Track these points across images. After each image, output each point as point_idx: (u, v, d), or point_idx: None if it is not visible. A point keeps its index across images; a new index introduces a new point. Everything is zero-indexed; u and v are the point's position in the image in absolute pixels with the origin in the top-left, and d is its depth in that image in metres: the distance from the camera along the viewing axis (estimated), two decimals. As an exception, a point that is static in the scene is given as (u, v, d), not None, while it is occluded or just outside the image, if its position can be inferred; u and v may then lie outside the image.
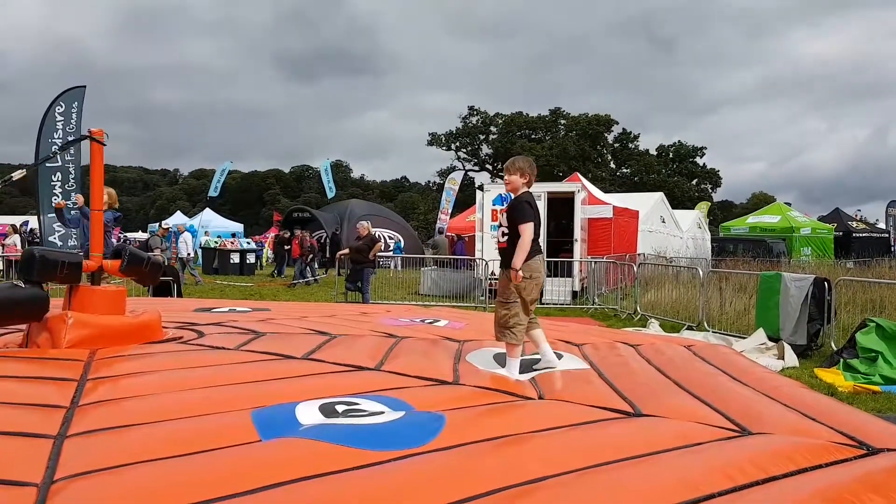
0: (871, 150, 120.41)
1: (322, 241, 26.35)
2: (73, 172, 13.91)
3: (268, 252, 32.79)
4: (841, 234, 30.32)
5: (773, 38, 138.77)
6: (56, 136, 13.86)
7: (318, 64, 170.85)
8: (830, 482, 2.26)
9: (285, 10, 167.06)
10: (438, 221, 30.90)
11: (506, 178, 4.11)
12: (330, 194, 41.54)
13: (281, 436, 2.30)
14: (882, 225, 35.43)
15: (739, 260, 19.91)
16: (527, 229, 3.84)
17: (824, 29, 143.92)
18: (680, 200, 48.04)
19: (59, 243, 13.57)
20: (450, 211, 31.39)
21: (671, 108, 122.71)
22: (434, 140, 63.17)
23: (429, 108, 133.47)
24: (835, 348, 8.08)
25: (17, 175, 4.35)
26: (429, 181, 70.29)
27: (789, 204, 34.21)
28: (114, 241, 7.93)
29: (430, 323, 5.60)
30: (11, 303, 3.50)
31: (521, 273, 3.81)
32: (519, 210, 3.91)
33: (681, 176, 60.69)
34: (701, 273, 11.63)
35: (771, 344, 8.56)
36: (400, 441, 2.32)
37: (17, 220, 28.98)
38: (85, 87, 14.50)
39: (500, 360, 3.98)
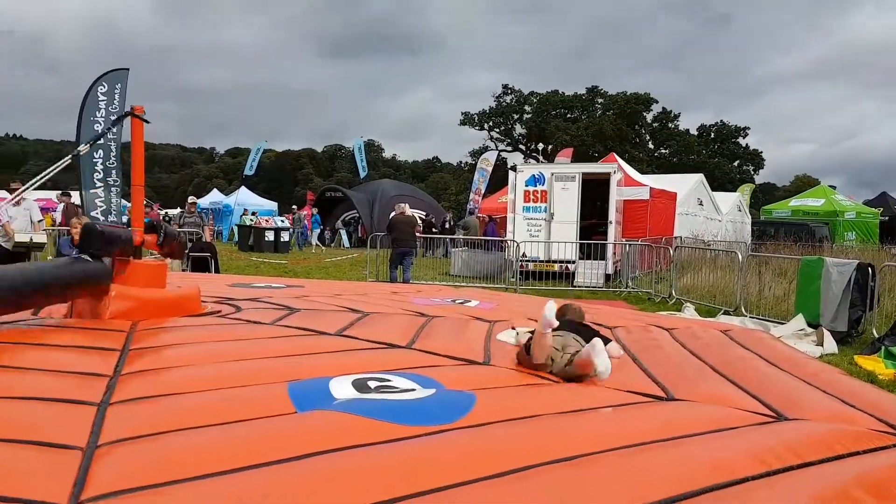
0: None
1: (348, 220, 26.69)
2: (113, 150, 14.19)
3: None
4: (887, 218, 29.48)
5: (830, 16, 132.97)
6: (98, 116, 14.09)
7: (354, 43, 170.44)
8: (868, 469, 2.23)
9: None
10: (470, 202, 30.72)
11: None
12: (362, 174, 41.61)
13: (316, 408, 2.34)
14: (931, 210, 34.30)
15: (780, 244, 19.48)
16: None
17: (885, 5, 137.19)
18: (720, 182, 47.06)
19: (101, 218, 13.88)
20: (483, 191, 31.17)
21: (717, 87, 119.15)
22: (467, 120, 62.73)
23: (463, 87, 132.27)
24: (876, 335, 7.89)
25: (82, 149, 5.90)
26: (460, 162, 70.03)
27: (834, 187, 33.27)
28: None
29: (461, 303, 5.60)
30: (82, 277, 3.58)
31: None
32: None
33: (722, 157, 59.34)
34: (740, 257, 11.43)
35: (810, 330, 8.41)
36: (431, 417, 2.34)
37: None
38: (128, 69, 14.67)
39: None
